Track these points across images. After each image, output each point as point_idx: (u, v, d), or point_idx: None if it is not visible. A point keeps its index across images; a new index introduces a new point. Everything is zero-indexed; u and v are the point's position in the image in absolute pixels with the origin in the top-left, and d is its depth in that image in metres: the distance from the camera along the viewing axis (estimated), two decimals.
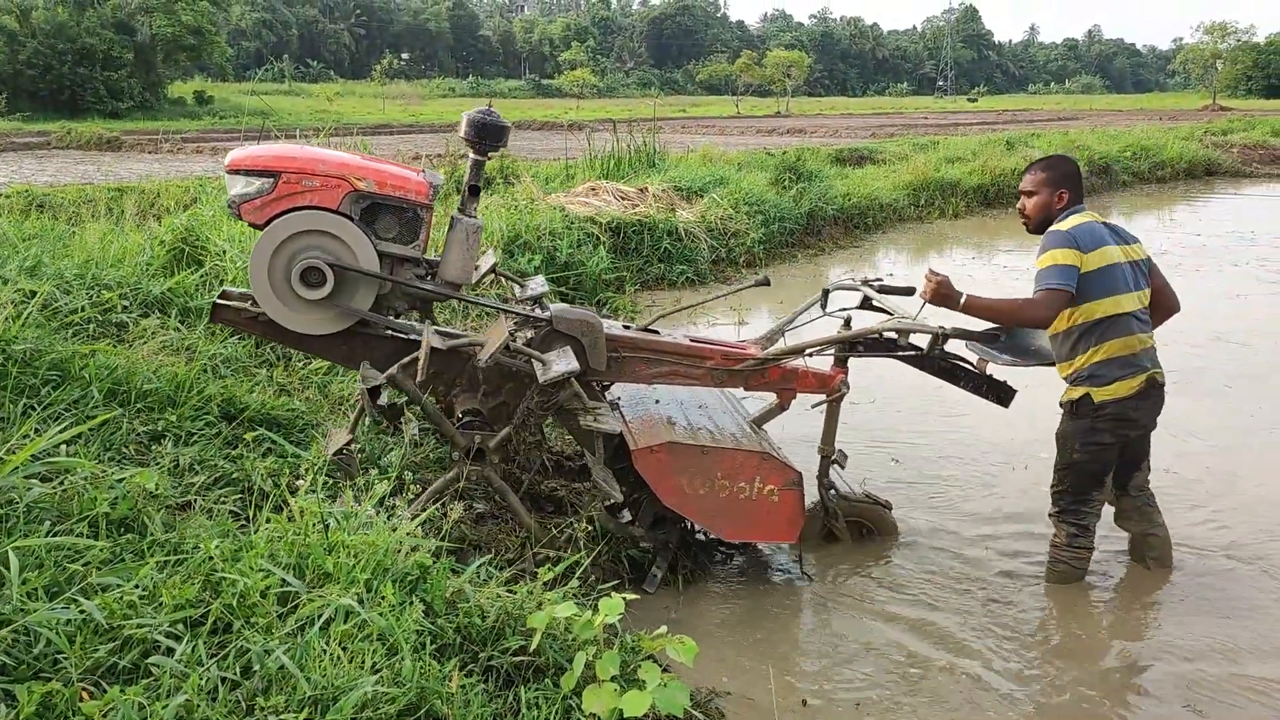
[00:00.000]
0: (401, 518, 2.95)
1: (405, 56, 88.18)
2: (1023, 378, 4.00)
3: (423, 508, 3.32)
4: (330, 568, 2.55)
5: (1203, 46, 63.11)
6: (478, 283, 3.84)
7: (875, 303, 4.02)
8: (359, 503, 2.91)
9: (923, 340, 3.76)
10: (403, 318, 3.71)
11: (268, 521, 2.71)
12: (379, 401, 3.76)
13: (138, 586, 2.35)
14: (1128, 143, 20.64)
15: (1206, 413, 5.75)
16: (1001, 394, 3.89)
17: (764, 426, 3.98)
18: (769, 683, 3.13)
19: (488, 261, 3.83)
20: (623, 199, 10.16)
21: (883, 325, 3.78)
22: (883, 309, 3.96)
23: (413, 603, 2.53)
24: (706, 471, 3.52)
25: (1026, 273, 10.35)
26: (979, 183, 15.45)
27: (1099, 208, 4.55)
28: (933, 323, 3.71)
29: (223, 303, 3.56)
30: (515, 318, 3.69)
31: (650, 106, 28.53)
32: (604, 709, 2.31)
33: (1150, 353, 3.63)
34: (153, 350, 4.37)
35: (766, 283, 4.33)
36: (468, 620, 2.64)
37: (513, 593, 2.78)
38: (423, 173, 3.52)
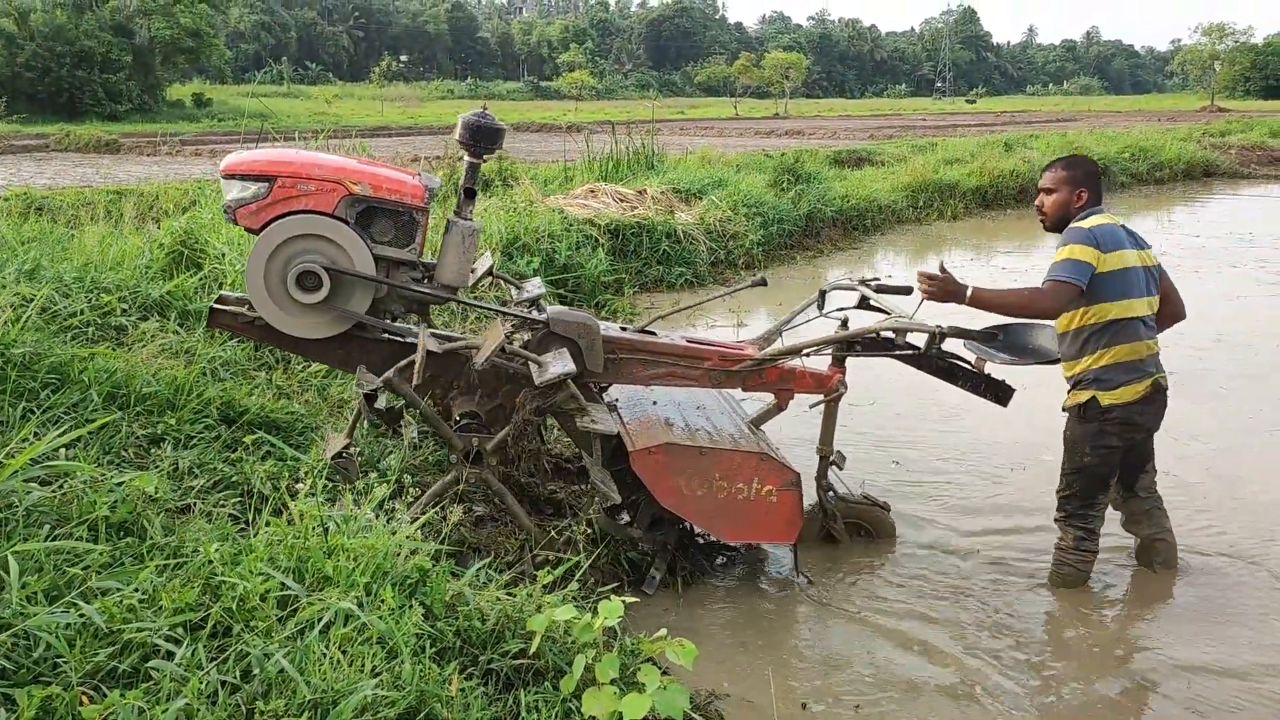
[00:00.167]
0: (401, 521, 2.95)
1: (404, 59, 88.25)
2: (1021, 377, 4.00)
3: (422, 511, 3.33)
4: (330, 571, 2.56)
5: (1201, 48, 63.15)
6: (475, 285, 3.85)
7: (873, 302, 4.02)
8: (358, 506, 2.91)
9: (920, 339, 3.76)
10: (399, 321, 3.71)
11: (267, 525, 2.72)
12: (377, 405, 3.76)
13: (137, 590, 2.35)
14: (1126, 144, 20.64)
15: (1207, 414, 5.75)
16: (1000, 393, 3.89)
17: (762, 427, 3.98)
18: (769, 685, 3.13)
19: (485, 264, 3.83)
20: (621, 201, 10.16)
21: (880, 325, 3.78)
22: (880, 308, 3.96)
23: (412, 606, 2.53)
24: (704, 472, 3.52)
25: (1025, 274, 10.36)
26: (977, 184, 15.44)
27: None
28: (930, 322, 3.71)
29: (220, 307, 3.57)
30: (512, 320, 3.69)
31: (649, 108, 28.51)
32: (604, 712, 2.31)
33: (1155, 358, 3.64)
34: (152, 353, 4.37)
35: (764, 283, 4.33)
36: (467, 623, 2.65)
37: (512, 596, 2.78)
38: (418, 176, 3.53)
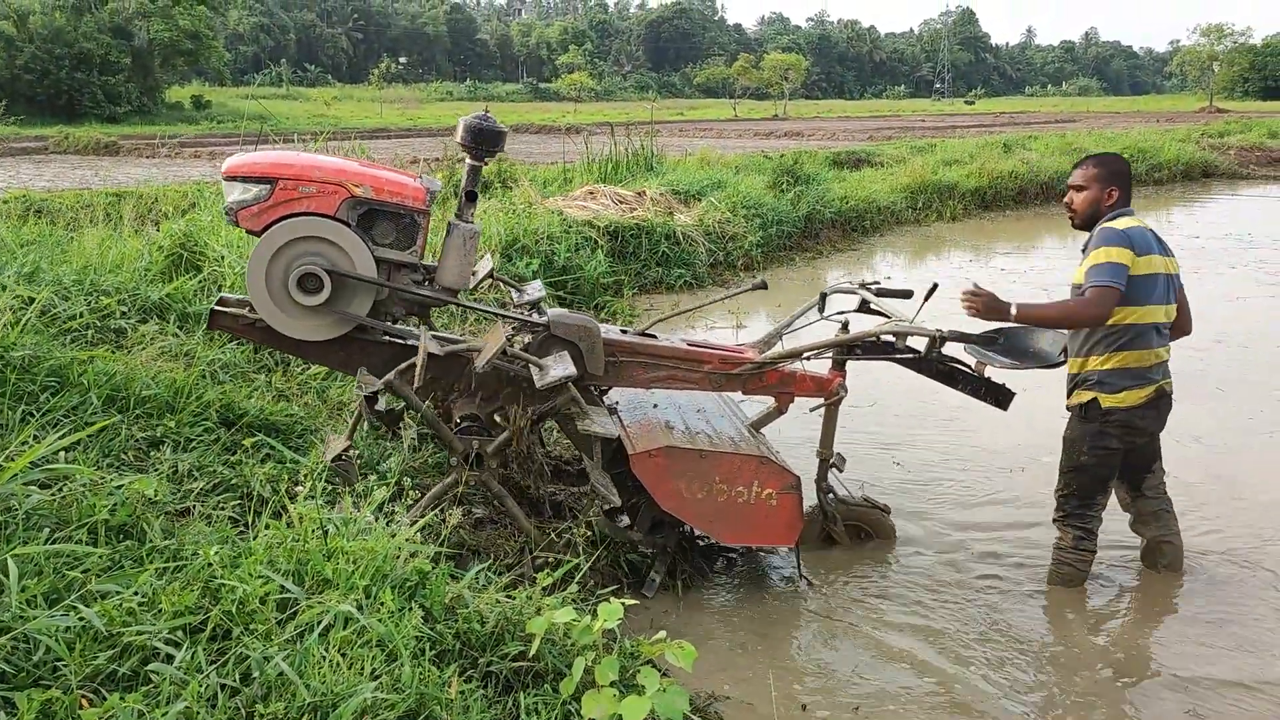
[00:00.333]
0: (400, 523, 2.95)
1: (403, 60, 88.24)
2: (1021, 380, 4.00)
3: (422, 513, 3.33)
4: (329, 574, 2.55)
5: (1199, 48, 63.21)
6: (475, 287, 3.85)
7: (873, 305, 4.02)
8: (358, 508, 2.91)
9: (920, 343, 3.76)
10: (400, 323, 3.72)
11: (267, 528, 2.72)
12: (377, 407, 3.76)
13: (137, 593, 2.35)
14: (1125, 145, 20.66)
15: (1207, 415, 5.75)
16: (1000, 396, 3.89)
17: (762, 430, 3.98)
18: (769, 687, 3.13)
19: (485, 266, 3.83)
20: (621, 203, 10.16)
21: (880, 328, 3.78)
22: (880, 312, 3.96)
23: (412, 608, 2.53)
24: (704, 475, 3.52)
25: (1024, 275, 10.38)
26: (976, 185, 15.45)
27: None
28: (930, 325, 3.71)
29: (220, 309, 3.56)
30: (513, 323, 3.69)
31: (648, 110, 28.51)
32: (603, 714, 2.31)
33: (1163, 366, 3.63)
34: (151, 356, 4.36)
35: (764, 286, 4.34)
36: (467, 626, 2.65)
37: (512, 598, 2.78)
38: (420, 178, 3.53)
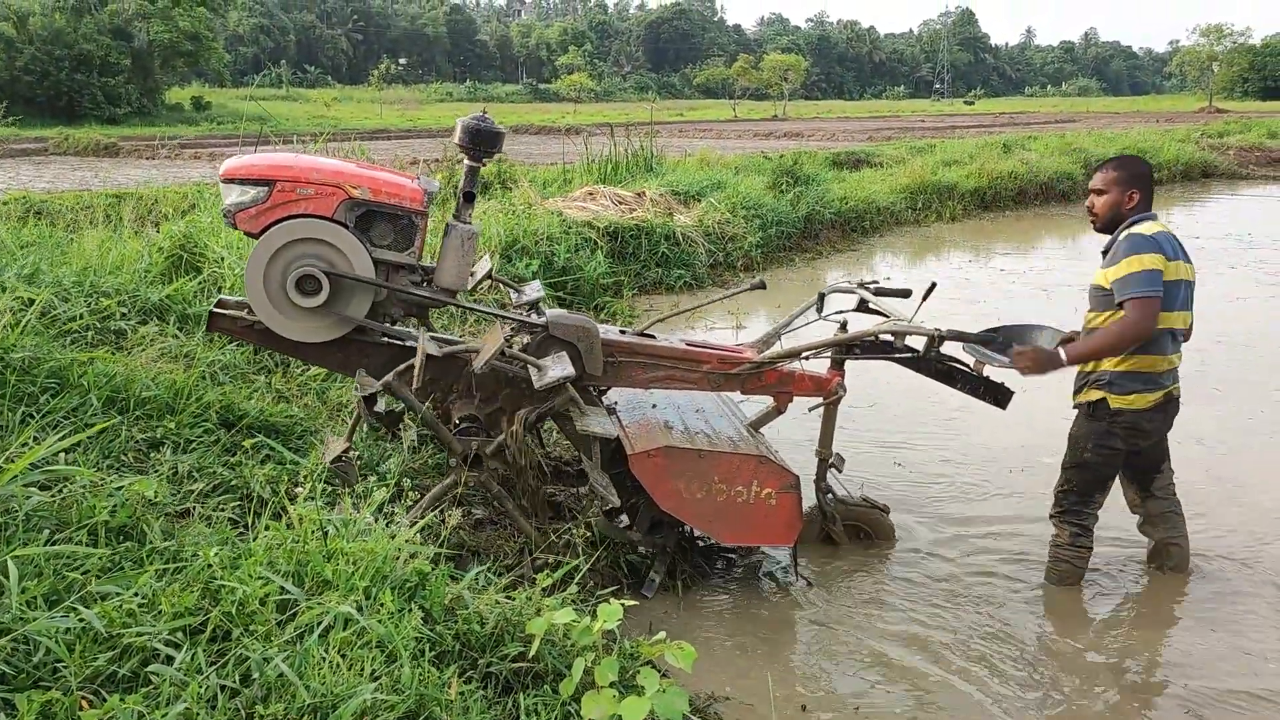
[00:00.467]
0: (400, 524, 2.96)
1: (403, 61, 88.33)
2: (1021, 380, 3.99)
3: (421, 514, 3.33)
4: (329, 575, 2.56)
5: (1199, 49, 63.22)
6: (474, 288, 3.85)
7: (872, 305, 4.02)
8: (358, 510, 2.91)
9: (919, 342, 3.76)
10: (399, 324, 3.72)
11: (267, 529, 2.72)
12: (376, 408, 3.77)
13: (137, 594, 2.35)
14: (1124, 145, 20.65)
15: (1207, 416, 5.75)
16: (999, 396, 3.89)
17: (761, 430, 3.99)
18: (768, 688, 3.13)
19: (484, 267, 3.83)
20: (620, 203, 10.17)
21: (879, 328, 3.78)
22: (879, 311, 3.96)
23: (412, 610, 2.53)
24: (704, 475, 3.52)
25: (1023, 275, 10.38)
26: (976, 186, 15.44)
27: None
28: (928, 324, 3.71)
29: (219, 311, 3.57)
30: (511, 323, 3.69)
31: (647, 110, 28.51)
32: (603, 715, 2.31)
33: (1174, 371, 3.63)
34: (151, 357, 4.37)
35: (762, 286, 4.34)
36: (467, 627, 2.65)
37: (511, 599, 2.78)
38: (418, 179, 3.53)
